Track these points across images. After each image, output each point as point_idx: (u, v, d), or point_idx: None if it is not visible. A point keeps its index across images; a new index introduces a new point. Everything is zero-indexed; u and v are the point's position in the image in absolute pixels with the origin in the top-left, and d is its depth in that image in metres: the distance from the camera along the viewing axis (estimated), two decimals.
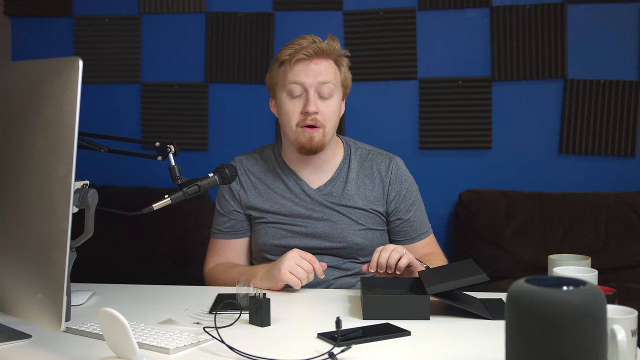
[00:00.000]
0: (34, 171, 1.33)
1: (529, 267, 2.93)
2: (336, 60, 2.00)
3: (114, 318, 1.26)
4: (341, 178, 2.05)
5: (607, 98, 3.21)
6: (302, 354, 1.35)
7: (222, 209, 2.09)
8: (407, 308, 1.60)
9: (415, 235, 2.08)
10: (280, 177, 2.05)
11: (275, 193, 2.04)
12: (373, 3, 3.32)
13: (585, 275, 1.54)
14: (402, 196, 2.06)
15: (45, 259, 1.28)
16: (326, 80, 1.95)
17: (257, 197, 2.05)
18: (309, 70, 1.94)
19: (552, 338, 1.01)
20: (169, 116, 3.45)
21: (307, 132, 1.94)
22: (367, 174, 2.06)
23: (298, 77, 1.94)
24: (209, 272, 2.09)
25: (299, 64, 1.94)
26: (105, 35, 3.45)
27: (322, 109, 1.95)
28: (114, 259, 3.14)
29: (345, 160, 2.07)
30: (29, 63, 1.44)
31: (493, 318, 1.59)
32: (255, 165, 2.09)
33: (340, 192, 2.03)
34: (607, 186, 3.21)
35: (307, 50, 1.93)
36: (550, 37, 3.22)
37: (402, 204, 2.06)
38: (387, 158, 2.09)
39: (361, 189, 2.04)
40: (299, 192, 2.03)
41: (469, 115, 3.29)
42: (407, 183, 2.08)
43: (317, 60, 1.95)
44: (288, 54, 1.95)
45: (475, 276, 1.63)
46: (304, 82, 1.94)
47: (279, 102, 1.99)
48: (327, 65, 1.97)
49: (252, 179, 2.07)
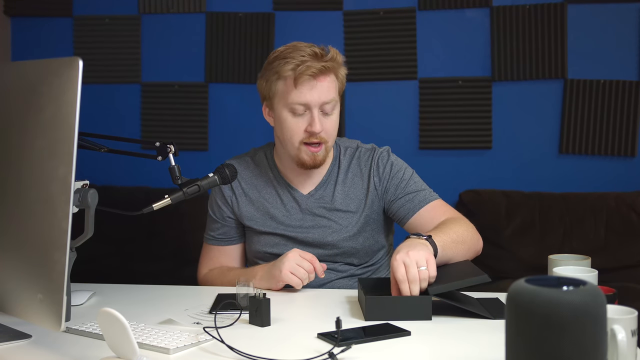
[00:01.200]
0: (34, 171, 1.33)
1: (529, 267, 2.93)
2: (336, 72, 1.94)
3: (114, 318, 1.26)
4: (331, 181, 2.02)
5: (607, 98, 3.21)
6: (302, 354, 1.35)
7: (215, 215, 2.06)
8: (409, 308, 1.60)
9: (416, 204, 1.96)
10: (272, 183, 2.03)
11: (267, 201, 2.01)
12: (373, 3, 3.32)
13: (585, 275, 1.54)
14: (389, 179, 2.00)
15: (45, 259, 1.28)
16: (329, 99, 1.90)
17: (248, 206, 2.02)
18: (313, 90, 1.88)
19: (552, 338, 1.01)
20: (169, 116, 3.45)
21: (311, 150, 1.91)
22: (355, 172, 2.03)
23: (303, 97, 1.87)
24: (204, 278, 2.08)
25: (304, 85, 1.87)
26: (105, 35, 3.46)
27: (325, 125, 1.91)
28: (114, 259, 3.14)
29: (335, 163, 2.04)
30: (29, 63, 1.44)
31: (494, 317, 1.59)
32: (246, 170, 2.05)
33: (330, 196, 2.01)
34: (607, 186, 3.21)
35: (312, 70, 1.86)
36: (550, 37, 3.22)
37: (391, 185, 1.99)
38: (371, 151, 2.04)
39: (351, 190, 2.01)
40: (290, 200, 2.01)
41: (469, 115, 3.29)
42: (389, 166, 2.01)
43: (321, 78, 1.89)
44: (290, 69, 1.87)
45: (477, 277, 1.63)
46: (309, 103, 1.88)
47: (280, 117, 1.93)
48: (329, 81, 1.91)
49: (243, 186, 2.03)
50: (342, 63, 1.96)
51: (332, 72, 1.92)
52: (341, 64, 1.95)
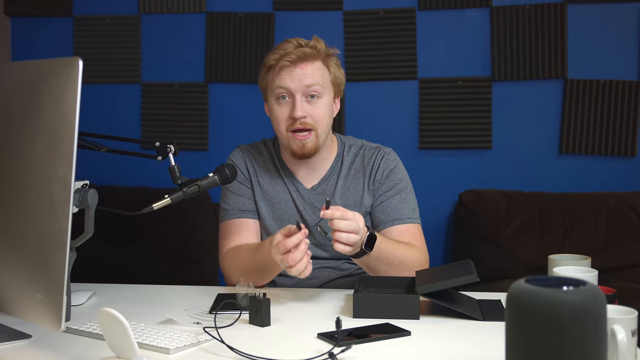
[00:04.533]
0: (34, 171, 1.33)
1: (529, 267, 2.93)
2: (324, 60, 1.98)
3: (114, 318, 1.26)
4: (334, 176, 2.05)
5: (607, 98, 3.21)
6: (302, 354, 1.35)
7: (234, 190, 2.04)
8: (397, 307, 1.60)
9: (392, 219, 1.98)
10: (279, 173, 2.06)
11: (272, 192, 2.04)
12: (373, 3, 3.31)
13: (585, 275, 1.54)
14: (383, 179, 2.02)
15: (45, 259, 1.29)
16: (312, 83, 1.94)
17: (259, 194, 2.05)
18: (293, 76, 1.93)
19: (552, 338, 1.01)
20: (169, 116, 3.45)
21: (298, 138, 1.94)
22: (358, 170, 2.05)
23: (283, 82, 1.93)
24: (224, 257, 1.99)
25: (284, 70, 1.94)
26: (105, 35, 3.45)
27: (310, 111, 1.94)
28: (114, 259, 3.14)
29: (339, 159, 2.06)
30: (29, 63, 1.44)
31: (483, 319, 1.59)
32: (258, 155, 2.09)
33: (331, 191, 2.03)
34: (607, 186, 3.21)
35: (290, 57, 1.92)
36: (550, 37, 3.22)
37: (382, 187, 2.01)
38: (376, 150, 2.06)
39: (351, 186, 2.03)
40: (294, 191, 2.04)
41: (469, 115, 3.29)
42: (389, 169, 2.03)
43: (302, 65, 1.94)
44: (274, 59, 1.95)
45: (465, 276, 1.63)
46: (290, 87, 1.93)
47: (269, 107, 2.00)
48: (313, 68, 1.95)
49: (256, 168, 2.07)
50: (329, 53, 1.99)
51: (316, 60, 1.96)
52: (327, 53, 1.99)
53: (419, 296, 1.61)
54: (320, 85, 1.95)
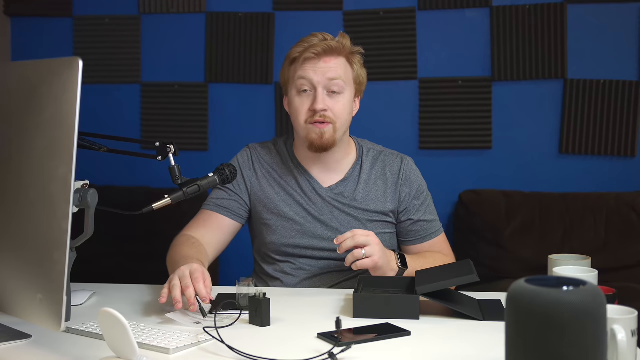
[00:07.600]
0: (34, 171, 1.33)
1: (529, 267, 2.93)
2: (348, 57, 1.98)
3: (114, 318, 1.26)
4: (353, 179, 2.04)
5: (607, 98, 3.21)
6: (302, 354, 1.35)
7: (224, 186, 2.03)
8: (397, 307, 1.60)
9: (424, 235, 2.06)
10: (292, 172, 2.05)
11: (285, 190, 2.03)
12: (373, 3, 3.32)
13: (585, 275, 1.54)
14: (412, 196, 2.04)
15: (45, 259, 1.28)
16: (335, 76, 1.94)
17: (269, 189, 2.04)
18: (317, 68, 1.93)
19: (552, 338, 1.01)
20: (169, 116, 3.45)
21: (318, 127, 1.94)
22: (379, 175, 2.05)
23: (307, 73, 1.93)
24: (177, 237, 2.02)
25: (308, 63, 1.94)
26: (105, 35, 3.46)
27: (331, 105, 1.94)
28: (114, 259, 3.14)
29: (358, 162, 2.06)
30: (29, 63, 1.44)
31: (483, 319, 1.59)
32: (269, 155, 2.08)
33: (351, 193, 2.02)
34: (607, 186, 3.21)
35: (315, 49, 1.93)
36: (550, 37, 3.22)
37: (412, 204, 2.04)
38: (399, 158, 2.08)
39: (372, 191, 2.03)
40: (310, 190, 2.02)
41: (469, 115, 3.29)
42: (417, 183, 2.06)
43: (327, 59, 1.94)
44: (298, 52, 1.95)
45: (465, 276, 1.63)
46: (312, 79, 1.93)
47: (290, 99, 1.99)
48: (336, 63, 1.95)
49: (267, 169, 2.06)
50: (353, 50, 1.99)
51: (340, 55, 1.97)
52: (351, 50, 1.99)
53: (419, 296, 1.61)
54: (342, 80, 1.95)
